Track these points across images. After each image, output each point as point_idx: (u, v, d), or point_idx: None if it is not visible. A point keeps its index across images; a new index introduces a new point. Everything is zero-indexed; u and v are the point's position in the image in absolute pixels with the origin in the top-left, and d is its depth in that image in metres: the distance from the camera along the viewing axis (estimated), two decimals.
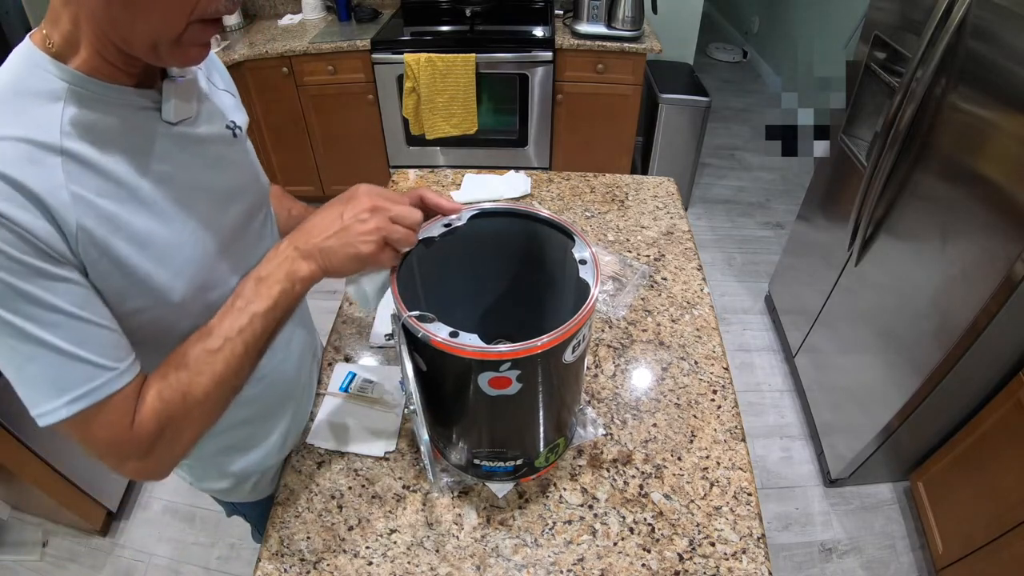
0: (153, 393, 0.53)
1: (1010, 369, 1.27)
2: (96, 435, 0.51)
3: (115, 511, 1.66)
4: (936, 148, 1.29)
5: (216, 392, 0.56)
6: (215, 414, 0.58)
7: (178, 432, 0.55)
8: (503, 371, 0.56)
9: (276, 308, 0.57)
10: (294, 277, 0.57)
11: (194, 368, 0.54)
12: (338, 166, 2.71)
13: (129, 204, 0.52)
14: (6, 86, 0.49)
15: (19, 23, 2.25)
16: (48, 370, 0.49)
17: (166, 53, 0.50)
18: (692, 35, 2.84)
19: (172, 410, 0.53)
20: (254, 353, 0.57)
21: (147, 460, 0.53)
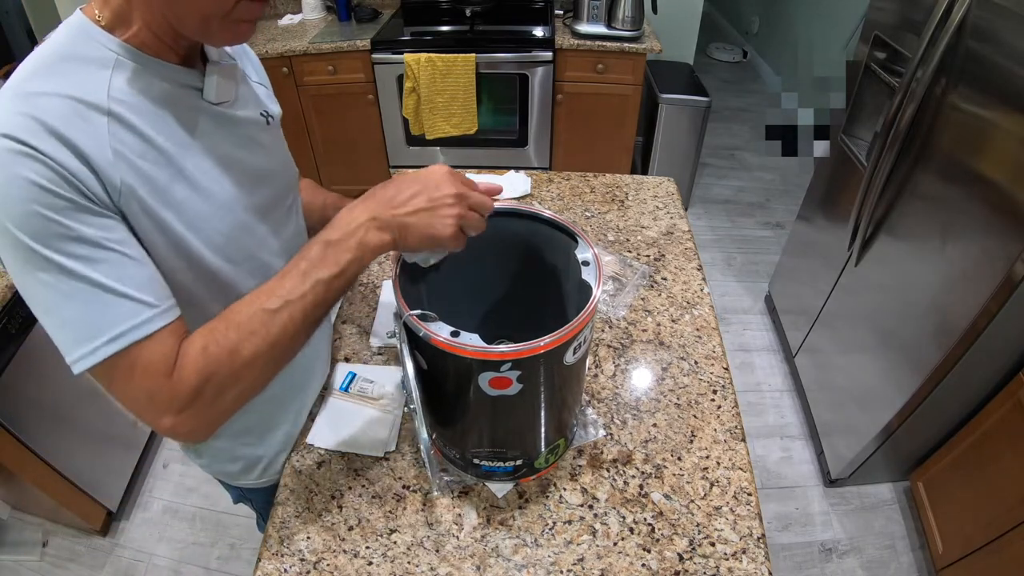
0: (199, 346, 0.51)
1: (1010, 369, 1.27)
2: (134, 382, 0.50)
3: (115, 511, 1.66)
4: (936, 148, 1.29)
5: (268, 355, 0.53)
6: (263, 379, 0.55)
7: (220, 391, 0.52)
8: (504, 371, 0.56)
9: (341, 276, 0.55)
10: (365, 247, 0.55)
11: (247, 327, 0.52)
12: (338, 166, 2.71)
13: (167, 170, 0.55)
14: (56, 51, 0.50)
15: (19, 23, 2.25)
16: (88, 308, 0.47)
17: (216, 29, 0.52)
18: (692, 35, 2.84)
19: (216, 367, 0.51)
20: (312, 320, 0.55)
21: (184, 416, 0.51)
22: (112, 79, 0.51)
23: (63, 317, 0.48)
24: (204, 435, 0.54)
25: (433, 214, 0.56)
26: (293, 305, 0.53)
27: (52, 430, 1.40)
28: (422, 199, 0.56)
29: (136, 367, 0.49)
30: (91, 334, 0.48)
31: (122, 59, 0.52)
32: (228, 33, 0.53)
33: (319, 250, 0.55)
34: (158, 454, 1.87)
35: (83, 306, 0.47)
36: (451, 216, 0.56)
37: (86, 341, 0.48)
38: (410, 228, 0.56)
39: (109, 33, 0.52)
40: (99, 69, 0.51)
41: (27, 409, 1.33)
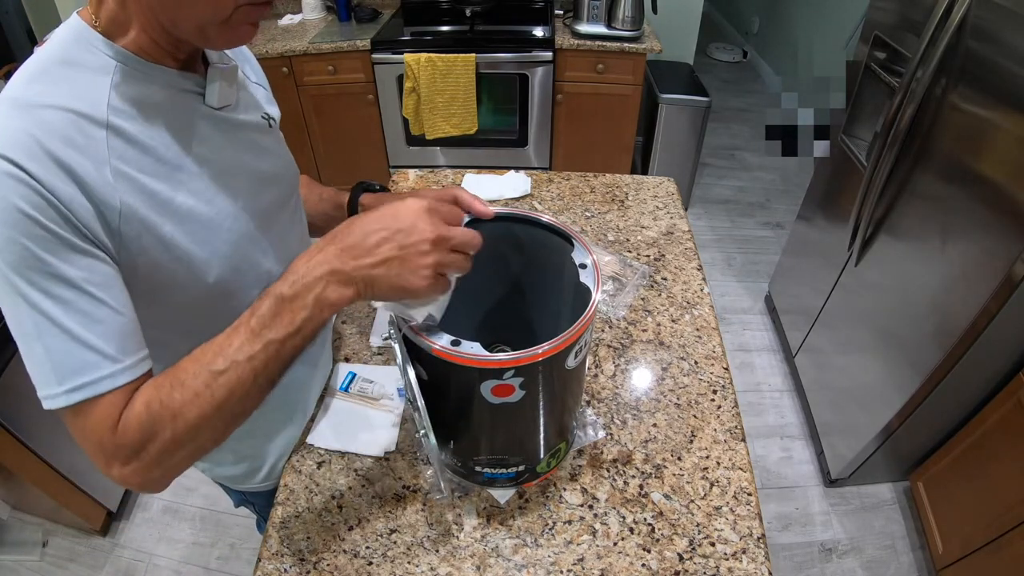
0: (142, 401, 0.49)
1: (1010, 369, 1.27)
2: (86, 431, 0.49)
3: (115, 511, 1.66)
4: (936, 148, 1.29)
5: (213, 418, 0.50)
6: (212, 440, 0.52)
7: (164, 451, 0.50)
8: (506, 379, 0.55)
9: (297, 335, 0.50)
10: (323, 303, 0.49)
11: (191, 387, 0.49)
12: (338, 166, 2.72)
13: (170, 181, 0.54)
14: (54, 57, 0.49)
15: (19, 23, 2.25)
16: (53, 352, 0.47)
17: (214, 34, 0.51)
18: (692, 35, 2.84)
19: (158, 427, 0.49)
20: (264, 382, 0.51)
21: (130, 469, 0.49)
22: (112, 87, 0.50)
23: (32, 353, 0.47)
24: (157, 488, 0.52)
25: (404, 264, 0.49)
26: (241, 367, 0.49)
27: (52, 430, 1.40)
28: (391, 246, 0.49)
29: (89, 418, 0.48)
30: (53, 380, 0.47)
31: (122, 65, 0.51)
32: (227, 37, 0.52)
33: (271, 305, 0.49)
34: None
35: (50, 349, 0.47)
36: (425, 266, 0.49)
37: (50, 384, 0.47)
38: (376, 281, 0.49)
39: (107, 39, 0.51)
40: (98, 76, 0.50)
41: (27, 409, 1.32)
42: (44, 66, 0.49)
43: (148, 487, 0.52)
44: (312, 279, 0.49)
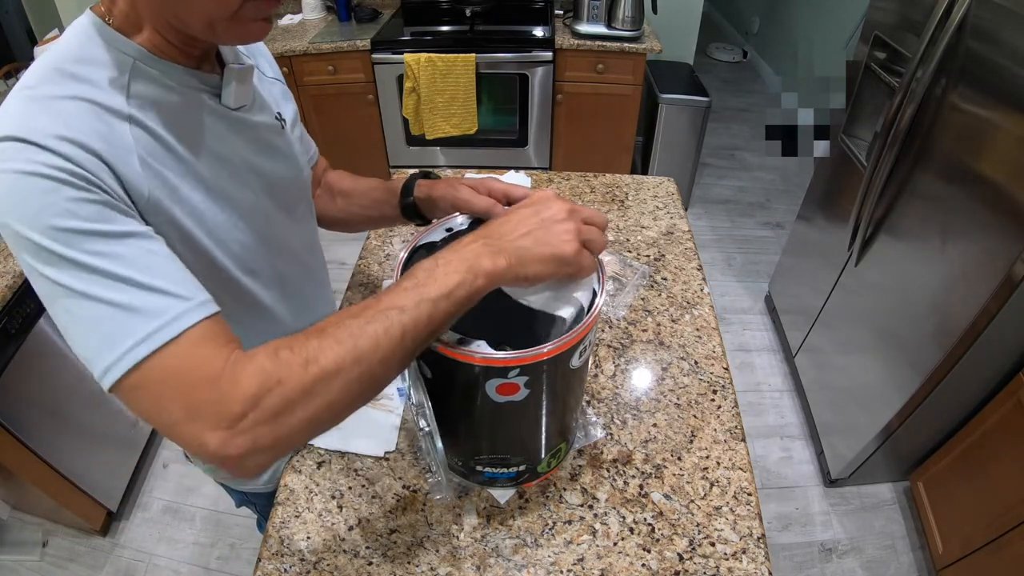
0: (266, 351, 0.43)
1: (1010, 369, 1.27)
2: (169, 392, 0.42)
3: (115, 511, 1.66)
4: (936, 148, 1.29)
5: (352, 371, 0.44)
6: (342, 402, 0.45)
7: (286, 406, 0.42)
8: (511, 378, 0.55)
9: (449, 298, 0.47)
10: (477, 271, 0.48)
11: (331, 335, 0.44)
12: (338, 166, 2.68)
13: (188, 179, 0.53)
14: (69, 54, 0.48)
15: (19, 23, 2.25)
16: (113, 310, 0.42)
17: (223, 31, 0.50)
18: (692, 35, 2.84)
19: (284, 373, 0.42)
20: (410, 345, 0.46)
21: (236, 434, 0.41)
22: (130, 84, 0.49)
23: (87, 324, 0.43)
24: (261, 462, 0.44)
25: (546, 231, 0.51)
26: (390, 318, 0.45)
27: (52, 430, 1.40)
28: (533, 221, 0.51)
29: (171, 373, 0.42)
30: (118, 339, 0.42)
31: (138, 63, 0.50)
32: (238, 34, 0.51)
33: (425, 268, 0.48)
34: (158, 454, 1.87)
35: (108, 308, 0.42)
36: (567, 231, 0.51)
37: (113, 347, 0.42)
38: (526, 251, 0.50)
39: (123, 36, 0.50)
40: (116, 73, 0.49)
41: (27, 409, 1.33)
42: (59, 63, 0.47)
43: (250, 461, 0.43)
44: (465, 250, 0.49)
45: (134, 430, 1.75)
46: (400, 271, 0.59)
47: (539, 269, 0.50)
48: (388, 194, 0.80)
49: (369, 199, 0.84)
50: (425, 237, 0.64)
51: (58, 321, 0.44)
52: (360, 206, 0.84)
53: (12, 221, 0.42)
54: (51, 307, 0.43)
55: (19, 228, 0.42)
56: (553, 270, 0.51)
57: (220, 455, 0.42)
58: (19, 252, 0.43)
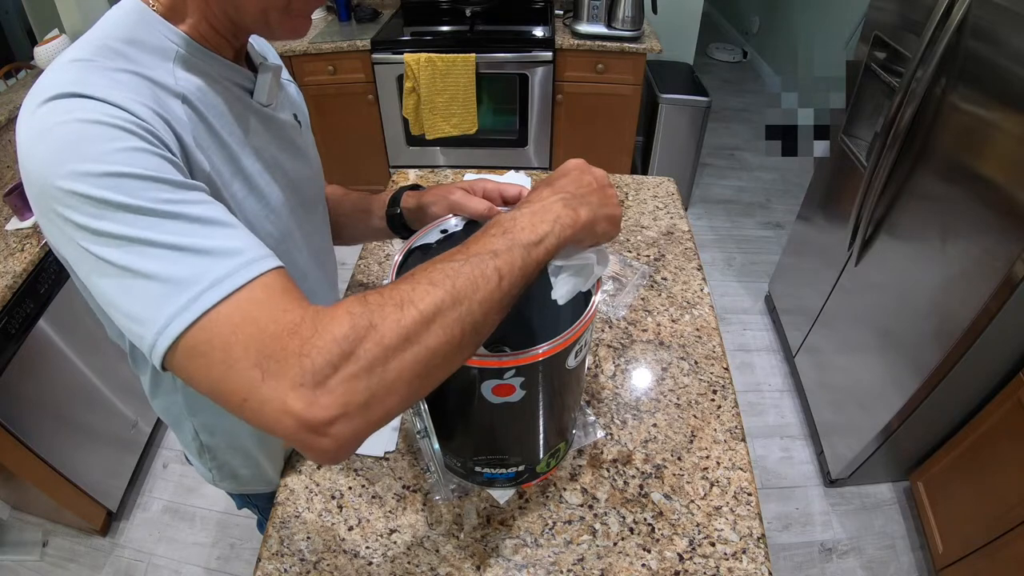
0: (352, 299, 0.38)
1: (1010, 369, 1.27)
2: (247, 338, 0.36)
3: (115, 511, 1.66)
4: (936, 148, 1.29)
5: (452, 311, 0.39)
6: (445, 347, 0.39)
7: (381, 354, 0.36)
8: (507, 379, 0.55)
9: (540, 245, 0.45)
10: (564, 220, 0.47)
11: (423, 279, 0.40)
12: (338, 166, 2.71)
13: (230, 167, 0.53)
14: (116, 34, 0.46)
15: (19, 23, 2.25)
16: (183, 253, 0.38)
17: (275, 22, 0.51)
18: (692, 35, 2.84)
19: (376, 316, 0.37)
20: (507, 288, 0.42)
21: (323, 390, 0.35)
22: (175, 70, 0.49)
23: (144, 278, 0.37)
24: (354, 430, 0.37)
25: (603, 193, 0.53)
26: (484, 262, 0.41)
27: (52, 430, 1.40)
28: (586, 180, 0.53)
29: (246, 320, 0.36)
30: (185, 283, 0.37)
31: (182, 51, 0.50)
32: (287, 27, 0.51)
33: (509, 220, 0.46)
34: (158, 454, 1.87)
35: (171, 253, 0.37)
36: (614, 195, 0.54)
37: (179, 292, 0.36)
38: (598, 208, 0.51)
39: (167, 22, 0.49)
40: (161, 59, 0.48)
41: (27, 409, 1.33)
42: (107, 40, 0.45)
43: (339, 428, 0.36)
44: (544, 203, 0.48)
45: (134, 430, 1.75)
46: (395, 273, 0.59)
47: (606, 227, 0.52)
48: (374, 207, 0.80)
49: (354, 208, 0.84)
50: (421, 239, 0.64)
51: (103, 286, 0.39)
52: (344, 215, 0.84)
53: (63, 176, 0.38)
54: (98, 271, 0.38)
55: (70, 185, 0.38)
56: (612, 230, 0.53)
57: (307, 420, 0.35)
58: (66, 215, 0.38)
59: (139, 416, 1.74)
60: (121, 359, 0.84)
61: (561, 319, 0.64)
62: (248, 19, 0.51)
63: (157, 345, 0.37)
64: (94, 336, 1.51)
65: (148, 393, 0.71)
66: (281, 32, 0.53)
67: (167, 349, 0.37)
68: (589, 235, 0.51)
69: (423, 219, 0.71)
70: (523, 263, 0.44)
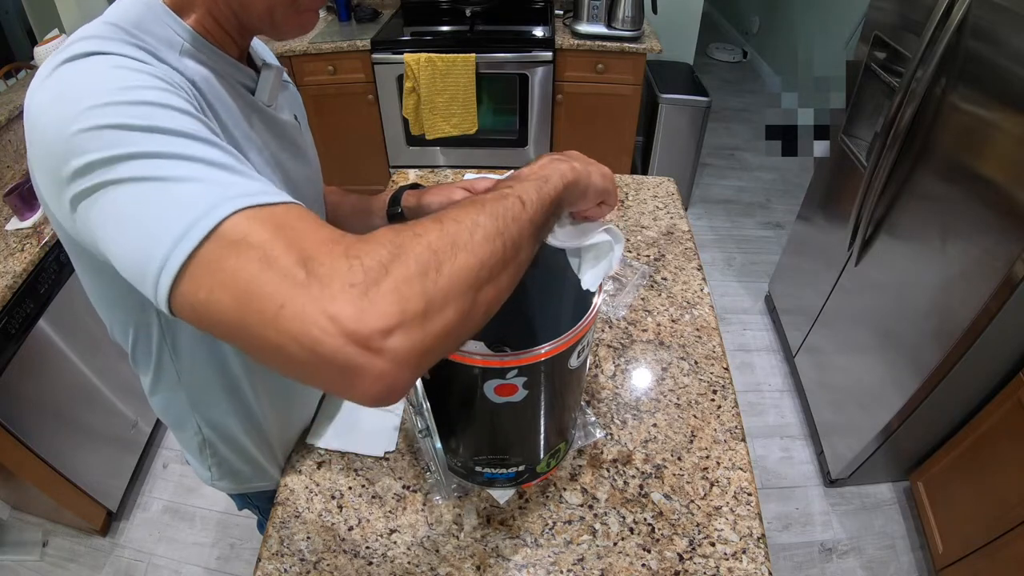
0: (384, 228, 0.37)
1: (1010, 369, 1.27)
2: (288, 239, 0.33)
3: (115, 511, 1.66)
4: (936, 148, 1.29)
5: (488, 225, 0.38)
6: (491, 257, 0.37)
7: (431, 257, 0.34)
8: (509, 378, 0.55)
9: (548, 183, 0.47)
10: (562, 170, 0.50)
11: (450, 213, 0.38)
12: (338, 166, 2.71)
13: None
14: (126, 19, 0.46)
15: (19, 23, 2.25)
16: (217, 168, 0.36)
17: (281, 18, 0.50)
18: (692, 35, 2.84)
19: (419, 228, 0.36)
20: (531, 215, 0.43)
21: (375, 294, 0.31)
22: (182, 60, 0.48)
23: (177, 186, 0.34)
24: (415, 345, 0.32)
25: (588, 162, 0.55)
26: (503, 195, 0.42)
27: (52, 430, 1.40)
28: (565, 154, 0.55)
29: (286, 223, 0.34)
30: (224, 187, 0.34)
31: (187, 44, 0.49)
32: (294, 23, 0.51)
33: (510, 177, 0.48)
34: (158, 454, 1.87)
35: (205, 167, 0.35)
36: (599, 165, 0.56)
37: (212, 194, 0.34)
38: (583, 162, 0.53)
39: (175, 14, 0.49)
40: (168, 50, 0.47)
41: (27, 409, 1.33)
42: (117, 22, 0.45)
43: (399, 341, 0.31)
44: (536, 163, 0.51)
45: (134, 430, 1.75)
46: None
47: (600, 180, 0.54)
48: (374, 207, 0.80)
49: (354, 209, 0.84)
50: None
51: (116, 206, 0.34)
52: (344, 216, 0.84)
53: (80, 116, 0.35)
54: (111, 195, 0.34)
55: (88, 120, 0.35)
56: (606, 187, 0.54)
57: (358, 331, 0.30)
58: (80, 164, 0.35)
59: (139, 416, 1.74)
60: (121, 359, 0.84)
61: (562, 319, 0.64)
62: (254, 16, 0.50)
63: (181, 245, 0.32)
64: (94, 336, 1.51)
65: (148, 392, 0.71)
66: (288, 29, 0.52)
67: (193, 249, 0.32)
68: (587, 184, 0.53)
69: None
70: (538, 195, 0.45)
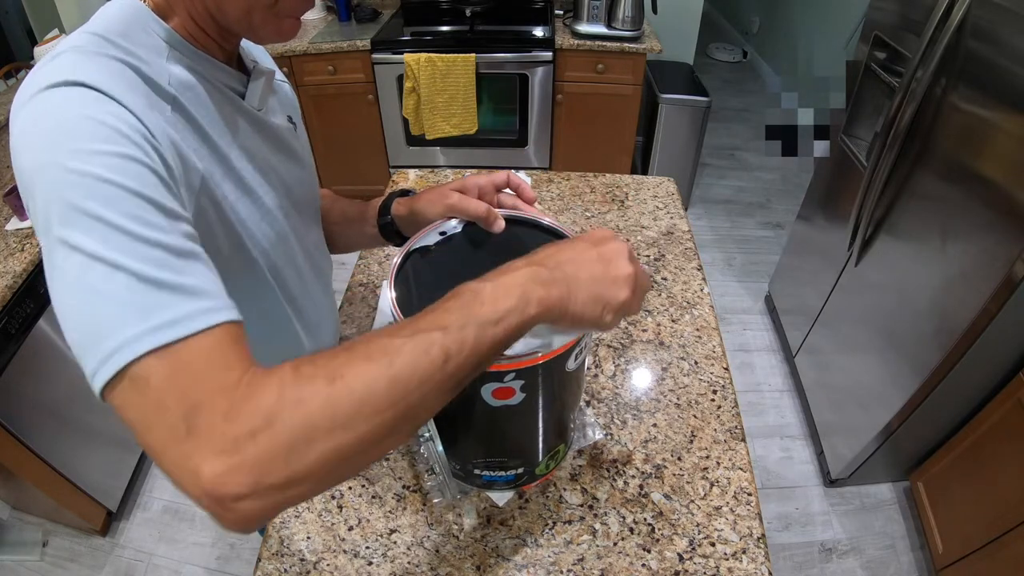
0: (287, 366, 0.36)
1: (1010, 369, 1.27)
2: (175, 390, 0.35)
3: (115, 511, 1.66)
4: (936, 148, 1.29)
5: (385, 395, 0.36)
6: (374, 432, 0.36)
7: (304, 433, 0.34)
8: (507, 381, 0.55)
9: (499, 324, 0.41)
10: (528, 300, 0.42)
11: (360, 351, 0.37)
12: (338, 166, 2.71)
13: (220, 168, 0.53)
14: (111, 27, 0.46)
15: (19, 23, 2.25)
16: (148, 284, 0.36)
17: (259, 22, 0.49)
18: (692, 35, 2.84)
19: (306, 391, 0.35)
20: (452, 371, 0.39)
21: (238, 462, 0.33)
22: (169, 67, 0.48)
23: (104, 297, 0.36)
24: (259, 507, 0.34)
25: (607, 271, 0.46)
26: (430, 339, 0.38)
27: (52, 430, 1.40)
28: (590, 253, 0.47)
29: (187, 367, 0.35)
30: (135, 317, 0.35)
31: (174, 49, 0.49)
32: (273, 28, 0.50)
33: (470, 292, 0.42)
34: None
35: (136, 281, 0.36)
36: (627, 276, 0.46)
37: (126, 325, 0.35)
38: (579, 285, 0.45)
39: (159, 18, 0.49)
40: (156, 55, 0.47)
41: (27, 409, 1.33)
42: (102, 31, 0.45)
43: (246, 505, 0.33)
44: (516, 275, 0.43)
45: None
46: (394, 276, 0.59)
47: (584, 308, 0.45)
48: (367, 214, 0.79)
49: (344, 217, 0.84)
50: (419, 241, 0.63)
51: (59, 294, 0.37)
52: (335, 223, 0.83)
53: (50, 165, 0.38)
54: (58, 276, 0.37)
55: (55, 175, 0.37)
56: (595, 316, 0.46)
57: (215, 492, 0.33)
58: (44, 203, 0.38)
59: None
60: None
61: None
62: (231, 19, 0.49)
63: (100, 372, 0.35)
64: None
65: None
66: (266, 34, 0.51)
67: (110, 378, 0.35)
68: (569, 319, 0.45)
69: (417, 225, 0.70)
70: (475, 343, 0.39)
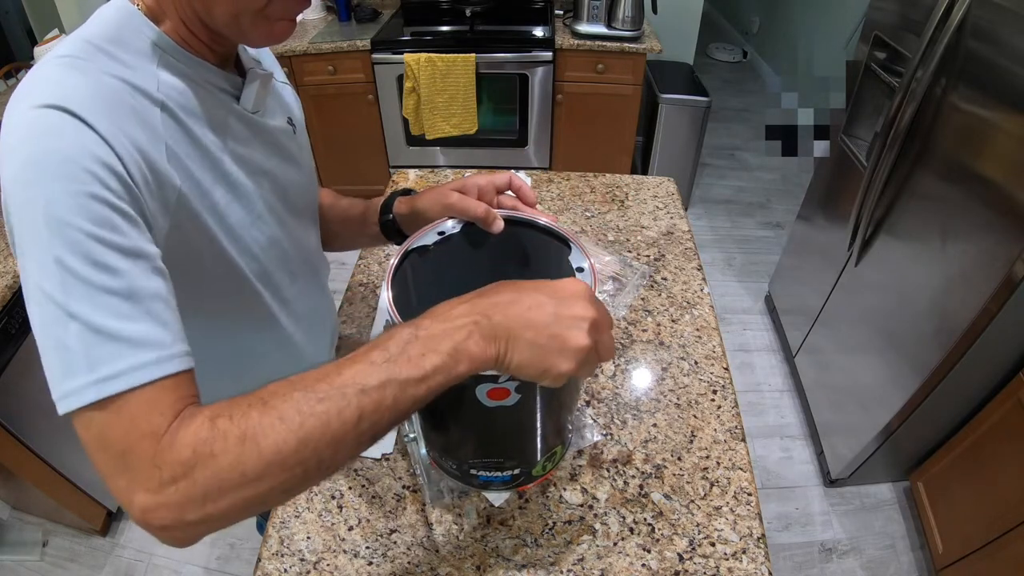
0: (206, 415, 0.40)
1: (1010, 369, 1.27)
2: (112, 436, 0.39)
3: (115, 511, 1.66)
4: (936, 148, 1.29)
5: (292, 457, 0.38)
6: (281, 487, 0.39)
7: (216, 485, 0.38)
8: (502, 382, 0.55)
9: (421, 384, 0.40)
10: (461, 354, 0.41)
11: (276, 410, 0.39)
12: (338, 166, 2.72)
13: (211, 173, 0.53)
14: (102, 33, 0.47)
15: (19, 23, 2.25)
16: (89, 333, 0.39)
17: (248, 26, 0.49)
18: (692, 35, 2.84)
19: (219, 446, 0.38)
20: (367, 430, 0.40)
21: (163, 499, 0.38)
22: (159, 72, 0.48)
23: (56, 334, 0.40)
24: (184, 536, 0.40)
25: (557, 338, 0.42)
26: (347, 399, 0.39)
27: (52, 430, 1.40)
28: (547, 311, 0.43)
29: (120, 418, 0.39)
30: (84, 366, 0.39)
31: (165, 54, 0.49)
32: (263, 32, 0.50)
33: (400, 341, 0.41)
34: None
35: (85, 329, 0.39)
36: (579, 349, 0.43)
37: (75, 374, 0.39)
38: (520, 345, 0.42)
39: (151, 22, 0.49)
40: (146, 61, 0.48)
41: (27, 409, 1.32)
42: (93, 39, 0.46)
43: (173, 532, 0.39)
44: (453, 326, 0.41)
45: None
46: (391, 277, 0.59)
47: (523, 366, 0.43)
48: (367, 214, 0.79)
49: (344, 217, 0.83)
50: (418, 240, 0.63)
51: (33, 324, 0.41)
52: (336, 222, 0.83)
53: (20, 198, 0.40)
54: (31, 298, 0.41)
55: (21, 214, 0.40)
56: (535, 375, 0.43)
57: (144, 518, 0.38)
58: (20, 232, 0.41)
59: None
60: None
61: None
62: (219, 23, 0.49)
63: (58, 406, 0.40)
64: None
65: None
66: (257, 37, 0.51)
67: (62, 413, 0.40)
68: (506, 372, 0.43)
69: (418, 223, 0.70)
70: (394, 402, 0.40)
